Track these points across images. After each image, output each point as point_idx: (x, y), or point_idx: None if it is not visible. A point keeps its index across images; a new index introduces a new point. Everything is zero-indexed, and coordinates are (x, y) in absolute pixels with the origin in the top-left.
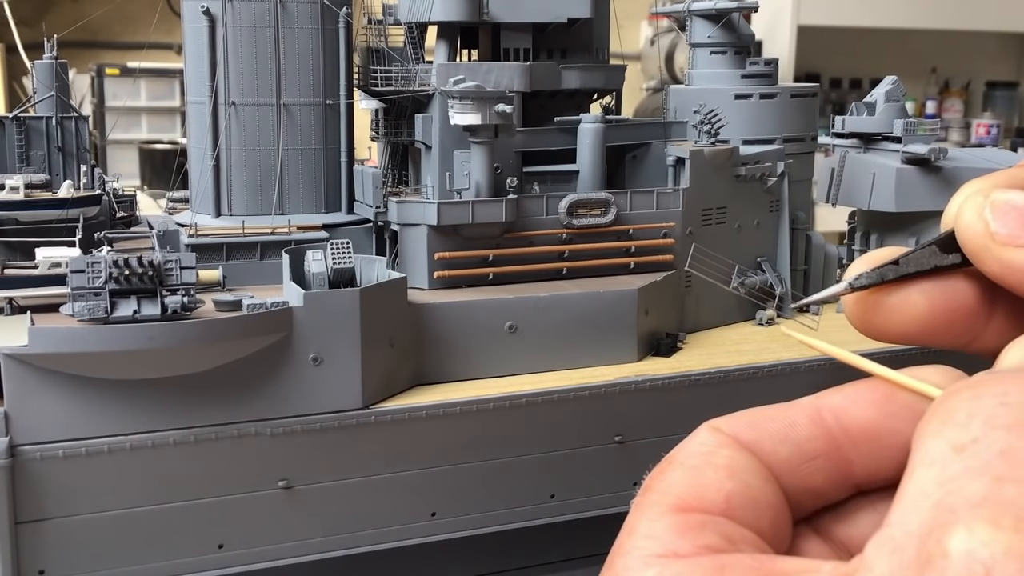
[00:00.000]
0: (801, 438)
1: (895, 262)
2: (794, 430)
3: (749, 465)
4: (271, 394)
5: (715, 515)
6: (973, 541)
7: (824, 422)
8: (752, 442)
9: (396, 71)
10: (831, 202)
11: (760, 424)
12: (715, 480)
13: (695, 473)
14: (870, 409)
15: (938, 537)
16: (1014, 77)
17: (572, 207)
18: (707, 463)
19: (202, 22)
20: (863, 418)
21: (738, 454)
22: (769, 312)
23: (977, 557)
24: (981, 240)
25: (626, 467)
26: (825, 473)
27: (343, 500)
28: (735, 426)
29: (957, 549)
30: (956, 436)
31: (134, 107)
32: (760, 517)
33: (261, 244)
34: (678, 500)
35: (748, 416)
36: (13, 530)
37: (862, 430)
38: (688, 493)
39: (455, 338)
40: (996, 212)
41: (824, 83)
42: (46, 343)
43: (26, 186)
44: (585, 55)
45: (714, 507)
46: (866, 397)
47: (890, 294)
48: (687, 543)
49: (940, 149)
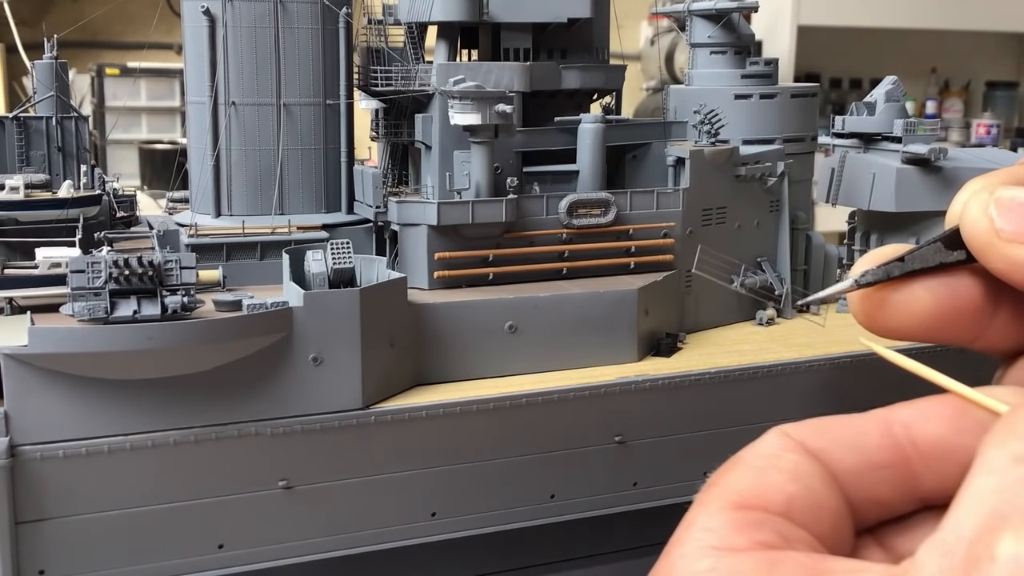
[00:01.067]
0: (870, 448)
1: (900, 259)
2: (863, 440)
3: (813, 470)
4: (271, 394)
5: (774, 514)
6: (1019, 546)
7: (894, 434)
8: (819, 449)
9: (396, 71)
10: (831, 202)
11: (828, 432)
12: (778, 482)
13: (759, 473)
14: (941, 425)
15: (987, 541)
16: (1014, 77)
17: (572, 207)
18: (772, 465)
19: (202, 22)
20: (934, 433)
21: (803, 459)
22: (769, 312)
23: (1022, 561)
24: (986, 237)
25: (626, 467)
26: (892, 484)
27: (343, 500)
28: (803, 432)
29: (1004, 553)
30: (1017, 448)
31: (134, 107)
32: (820, 521)
33: (261, 244)
34: (738, 497)
35: (817, 423)
36: (13, 530)
37: (932, 445)
38: (749, 491)
39: (455, 338)
40: (1001, 209)
41: (824, 83)
42: (46, 343)
43: (26, 186)
44: (585, 55)
45: (774, 507)
46: (938, 412)
47: (896, 291)
48: (743, 538)
49: (940, 149)
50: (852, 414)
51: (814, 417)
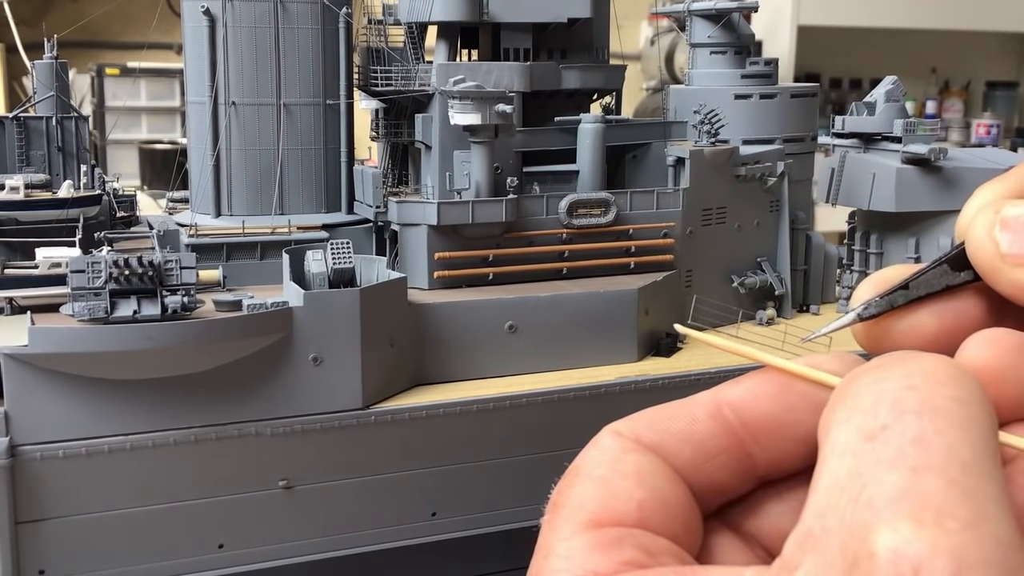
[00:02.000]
0: (703, 435)
1: (905, 286)
2: (696, 427)
3: (656, 468)
4: (271, 394)
5: (630, 526)
6: (898, 539)
7: (724, 417)
8: (655, 444)
9: (396, 71)
10: (831, 202)
11: (662, 424)
12: (625, 489)
13: (603, 483)
14: (768, 402)
15: (862, 536)
16: (1014, 77)
17: (572, 207)
18: (614, 471)
19: (202, 22)
20: (761, 412)
21: (643, 458)
22: (769, 312)
23: (904, 556)
24: (992, 262)
25: None
26: (728, 469)
27: (343, 500)
28: (636, 428)
29: (883, 549)
30: (864, 423)
31: (134, 107)
32: (673, 521)
33: (261, 244)
34: (590, 515)
35: (648, 416)
36: (13, 530)
37: (761, 424)
38: (599, 506)
39: (455, 338)
40: (1007, 230)
41: (824, 83)
42: (46, 343)
43: (26, 186)
44: (585, 55)
45: (628, 518)
46: (763, 390)
47: (900, 319)
48: (607, 561)
49: (940, 149)
50: (680, 400)
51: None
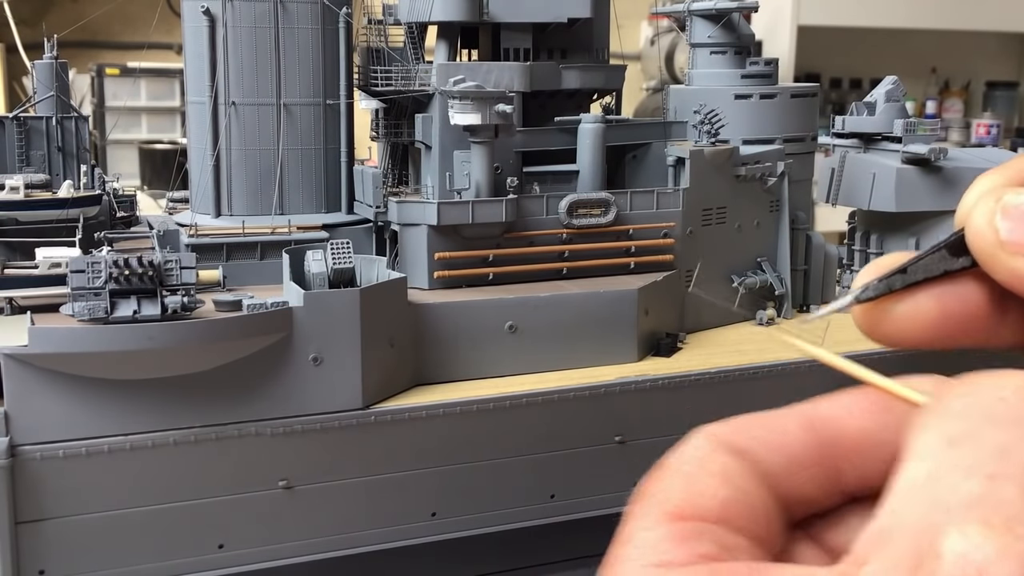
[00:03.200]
0: (794, 447)
1: (903, 270)
2: (787, 438)
3: (742, 471)
4: (271, 394)
5: (710, 522)
6: (966, 543)
7: (816, 431)
8: (745, 449)
9: (396, 71)
10: (831, 202)
11: (753, 432)
12: (710, 486)
13: (690, 480)
14: (862, 419)
15: (931, 537)
16: (1014, 77)
17: (572, 207)
18: (701, 469)
19: (202, 22)
20: (855, 428)
21: (732, 460)
22: (769, 312)
23: (970, 560)
24: (991, 249)
25: (626, 467)
26: (816, 482)
27: (343, 500)
28: (728, 432)
29: (950, 551)
30: (949, 429)
31: (134, 107)
32: (755, 523)
33: (261, 244)
34: (674, 508)
35: (742, 422)
36: (13, 530)
37: (854, 441)
38: (683, 500)
39: (455, 338)
40: (1007, 218)
41: (824, 83)
42: (46, 343)
43: (26, 186)
44: (585, 55)
45: (709, 514)
46: (859, 407)
47: (899, 302)
48: (683, 552)
49: (940, 149)
50: (773, 411)
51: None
